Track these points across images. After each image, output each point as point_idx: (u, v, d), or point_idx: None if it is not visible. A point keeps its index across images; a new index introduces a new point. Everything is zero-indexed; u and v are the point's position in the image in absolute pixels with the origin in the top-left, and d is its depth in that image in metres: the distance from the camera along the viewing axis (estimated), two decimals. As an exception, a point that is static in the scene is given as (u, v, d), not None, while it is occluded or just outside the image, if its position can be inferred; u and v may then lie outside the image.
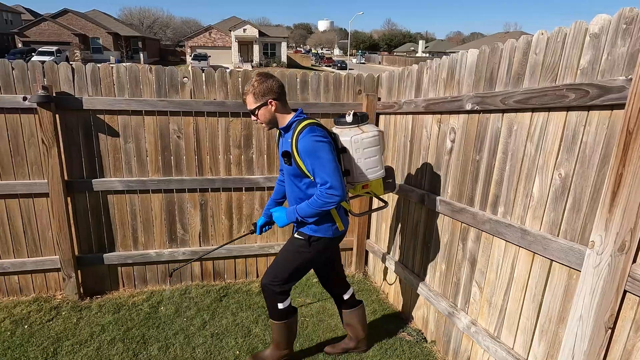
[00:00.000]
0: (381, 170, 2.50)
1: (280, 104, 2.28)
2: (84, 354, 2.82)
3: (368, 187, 2.56)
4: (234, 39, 48.88)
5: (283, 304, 2.49)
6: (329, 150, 2.18)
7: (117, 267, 3.70)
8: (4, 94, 3.14)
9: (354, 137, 2.38)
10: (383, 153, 2.45)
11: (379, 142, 2.45)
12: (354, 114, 2.43)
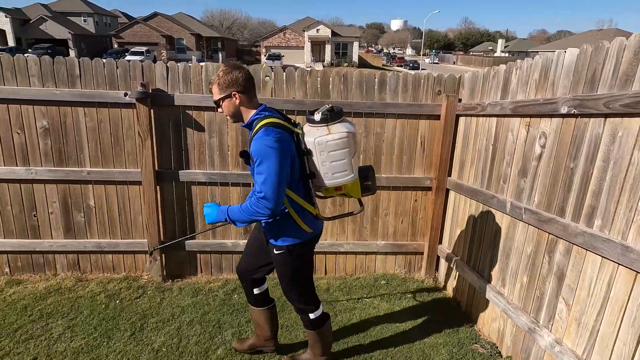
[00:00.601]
0: (351, 174, 2.21)
1: (246, 97, 2.15)
2: (166, 332, 3.04)
3: (342, 189, 2.31)
4: (307, 39, 49.79)
5: (314, 314, 2.50)
6: (279, 157, 2.01)
7: (197, 254, 3.94)
8: (108, 90, 3.47)
9: (317, 139, 2.12)
10: (354, 155, 2.20)
11: (348, 145, 2.15)
12: (325, 111, 2.14)
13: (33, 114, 3.50)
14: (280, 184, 2.04)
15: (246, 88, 2.15)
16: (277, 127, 2.08)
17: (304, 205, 2.24)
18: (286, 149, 2.06)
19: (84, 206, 3.74)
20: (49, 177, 3.62)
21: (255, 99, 2.21)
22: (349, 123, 2.22)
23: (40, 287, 3.61)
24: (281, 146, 2.03)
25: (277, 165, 2.00)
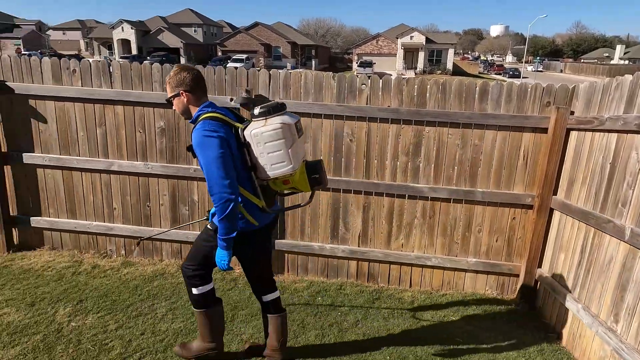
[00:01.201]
0: (289, 165, 2.21)
1: (193, 96, 2.30)
2: (254, 325, 3.20)
3: (289, 183, 2.32)
4: (399, 46, 49.27)
5: (197, 289, 2.50)
6: (217, 146, 2.11)
7: (285, 254, 4.09)
8: (217, 95, 3.77)
9: (253, 130, 2.20)
10: (291, 146, 2.20)
11: (284, 136, 2.17)
12: (265, 105, 2.22)
13: (153, 116, 3.93)
14: (227, 171, 2.12)
15: (193, 88, 2.30)
16: (215, 120, 2.20)
17: (249, 197, 2.30)
18: (224, 139, 2.16)
19: (189, 200, 4.09)
20: (161, 172, 4.03)
21: (203, 98, 2.36)
22: (288, 116, 2.26)
23: (148, 270, 4.02)
24: (218, 136, 2.14)
25: (215, 153, 2.12)
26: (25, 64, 3.98)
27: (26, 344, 2.82)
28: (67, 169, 4.17)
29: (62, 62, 3.95)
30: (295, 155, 2.25)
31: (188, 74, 2.31)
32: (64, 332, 2.97)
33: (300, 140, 2.34)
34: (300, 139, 2.33)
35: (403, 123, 3.63)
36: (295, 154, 2.24)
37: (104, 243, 4.32)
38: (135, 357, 2.75)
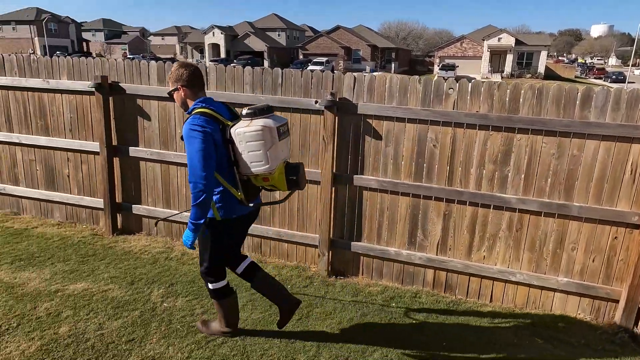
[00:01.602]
0: (266, 165, 2.42)
1: (190, 91, 2.51)
2: (328, 325, 3.25)
3: (269, 180, 2.52)
4: (486, 48, 46.92)
5: (213, 285, 2.75)
6: (201, 141, 2.33)
7: (360, 256, 4.10)
8: (302, 98, 3.90)
9: (237, 129, 2.40)
10: (270, 148, 2.40)
11: (263, 138, 2.37)
12: (252, 108, 2.45)
13: (242, 116, 4.16)
14: (206, 164, 2.34)
15: (190, 83, 2.51)
16: (206, 115, 2.40)
17: (229, 189, 2.52)
18: (209, 134, 2.36)
19: (271, 198, 4.26)
20: (247, 170, 4.25)
21: (200, 93, 2.56)
22: (272, 119, 2.45)
23: (230, 261, 4.26)
24: (203, 130, 2.35)
25: (198, 146, 2.33)
26: (135, 67, 4.43)
27: (126, 318, 3.14)
28: (165, 163, 4.56)
29: (166, 65, 4.33)
30: (274, 156, 2.45)
31: (186, 71, 2.51)
32: (158, 311, 3.25)
33: (282, 143, 2.51)
34: (282, 141, 2.50)
35: (492, 129, 3.46)
36: (273, 155, 2.44)
37: (193, 233, 4.66)
38: (218, 341, 2.94)
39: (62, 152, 4.94)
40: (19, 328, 2.93)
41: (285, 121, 2.60)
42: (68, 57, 4.71)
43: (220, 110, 2.53)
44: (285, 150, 2.59)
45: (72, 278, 3.71)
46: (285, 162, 2.60)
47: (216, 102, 2.60)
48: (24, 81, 4.79)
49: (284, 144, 2.55)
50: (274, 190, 2.67)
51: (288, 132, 2.64)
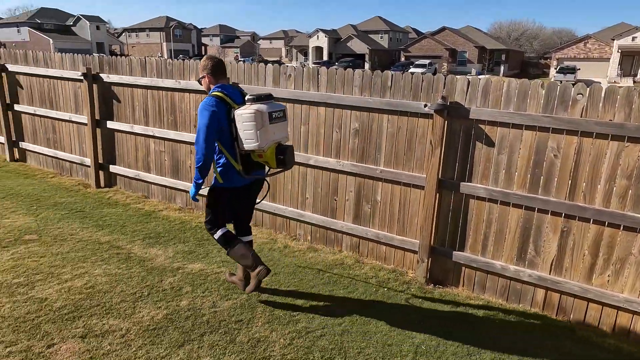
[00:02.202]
0: (256, 143, 2.89)
1: (213, 78, 3.10)
2: (426, 331, 3.18)
3: (262, 157, 3.02)
4: (616, 48, 41.61)
5: (216, 234, 3.24)
6: (208, 117, 2.88)
7: (462, 267, 3.94)
8: (411, 101, 3.86)
9: (237, 111, 2.91)
10: (260, 129, 2.87)
11: (255, 120, 2.84)
12: (254, 94, 2.99)
13: (350, 118, 4.26)
14: (207, 137, 2.89)
15: (213, 72, 3.09)
16: (217, 97, 2.96)
17: (231, 161, 3.05)
18: (215, 113, 2.91)
19: (372, 199, 4.30)
20: (350, 170, 4.34)
21: (220, 80, 3.11)
22: (266, 105, 2.93)
23: (329, 258, 4.39)
24: (212, 110, 2.90)
25: (206, 122, 2.89)
26: (253, 69, 4.79)
27: (236, 300, 3.42)
28: (274, 160, 4.85)
29: (281, 68, 4.61)
30: (264, 136, 2.90)
31: (210, 62, 3.13)
32: (262, 297, 3.49)
33: (275, 126, 2.98)
34: (275, 124, 2.98)
35: (628, 141, 3.08)
36: (263, 135, 2.90)
37: (295, 227, 4.90)
38: (317, 333, 3.06)
39: (186, 145, 5.52)
40: (149, 297, 3.36)
41: (281, 108, 3.09)
42: (197, 61, 5.25)
43: (233, 96, 3.06)
44: (278, 132, 3.05)
45: (190, 258, 4.14)
46: (278, 143, 3.09)
47: (232, 89, 3.13)
48: (160, 81, 5.45)
49: (277, 127, 3.02)
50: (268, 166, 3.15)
51: (284, 117, 3.11)
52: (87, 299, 3.25)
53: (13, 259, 3.84)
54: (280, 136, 3.10)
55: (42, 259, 3.87)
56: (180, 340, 2.86)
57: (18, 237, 4.31)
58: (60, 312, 3.06)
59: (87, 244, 4.29)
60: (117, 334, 2.87)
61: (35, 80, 6.96)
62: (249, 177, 3.12)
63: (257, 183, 3.32)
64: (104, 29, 66.46)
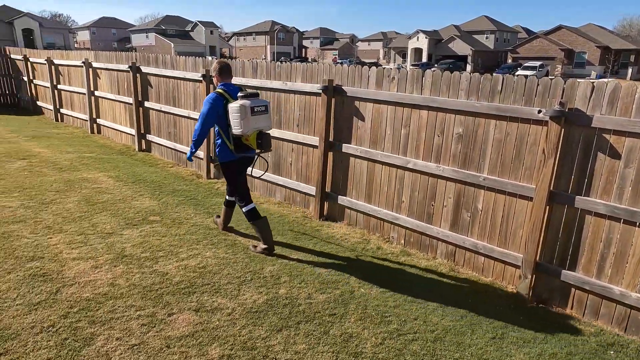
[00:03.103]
0: (239, 129, 3.83)
1: (220, 78, 4.10)
2: (525, 353, 3.00)
3: (248, 140, 3.97)
4: None
5: (244, 208, 4.23)
6: (208, 108, 3.94)
7: (571, 288, 3.62)
8: (523, 106, 3.64)
9: (229, 104, 3.87)
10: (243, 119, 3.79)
11: (239, 112, 3.77)
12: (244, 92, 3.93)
13: (453, 122, 4.15)
14: (204, 122, 3.99)
15: (220, 74, 4.11)
16: (218, 94, 3.97)
17: (226, 142, 4.04)
18: (214, 107, 3.94)
19: (472, 207, 4.14)
20: (450, 176, 4.22)
21: (225, 80, 4.12)
22: (250, 101, 3.80)
23: (422, 263, 4.33)
24: (211, 104, 3.93)
25: (205, 111, 3.93)
26: (357, 72, 4.89)
27: (330, 294, 3.55)
28: (372, 161, 4.91)
29: (385, 70, 4.65)
30: (246, 125, 3.81)
31: (217, 65, 4.15)
32: (355, 295, 3.57)
33: (256, 117, 3.85)
34: (255, 116, 3.84)
35: None
36: (246, 124, 3.81)
37: (389, 229, 4.90)
38: (409, 337, 3.05)
39: (288, 144, 5.83)
40: (251, 282, 3.64)
41: (264, 104, 3.96)
42: (303, 63, 5.52)
43: (232, 92, 4.04)
44: (260, 123, 3.92)
45: (288, 250, 4.37)
46: (259, 130, 3.97)
47: (232, 87, 4.13)
48: (268, 83, 5.83)
49: (259, 118, 3.89)
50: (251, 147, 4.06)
51: (266, 110, 3.97)
52: (199, 278, 3.63)
53: (141, 235, 4.42)
54: (262, 125, 3.97)
55: (163, 239, 4.39)
56: (278, 325, 3.06)
57: (144, 218, 4.94)
58: (178, 286, 3.46)
59: (200, 228, 4.77)
60: (224, 311, 3.16)
61: (162, 80, 7.88)
62: (239, 155, 4.11)
63: (248, 160, 4.29)
64: (216, 33, 72.37)
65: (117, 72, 8.97)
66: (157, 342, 2.76)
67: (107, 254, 3.95)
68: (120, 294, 3.28)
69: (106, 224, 4.67)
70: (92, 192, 5.71)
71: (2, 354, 2.54)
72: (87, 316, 2.96)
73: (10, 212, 4.81)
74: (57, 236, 4.25)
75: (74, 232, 4.38)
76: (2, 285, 3.26)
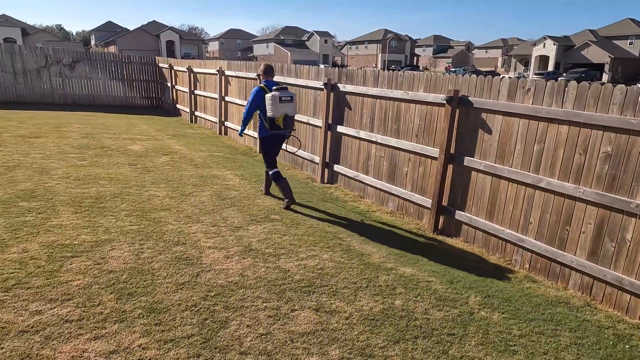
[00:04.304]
0: (272, 113, 5.30)
1: (264, 76, 5.72)
2: None
3: (278, 121, 5.43)
4: None
5: (270, 171, 5.79)
6: (253, 98, 5.50)
7: None
8: (696, 125, 3.12)
9: (266, 94, 5.38)
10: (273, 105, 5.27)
11: (271, 100, 5.24)
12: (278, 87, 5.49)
13: (600, 140, 3.71)
14: (249, 108, 5.57)
15: (264, 73, 5.68)
16: (260, 88, 5.48)
17: (264, 122, 5.51)
18: (256, 97, 5.46)
19: (618, 237, 3.66)
20: (592, 199, 3.78)
21: (268, 77, 5.69)
22: (279, 92, 5.30)
23: (551, 293, 3.94)
24: (254, 94, 5.47)
25: (250, 100, 5.51)
26: (487, 82, 4.66)
27: (447, 312, 3.42)
28: (497, 177, 4.63)
29: (519, 82, 4.35)
30: (276, 110, 5.25)
31: (263, 66, 5.72)
32: (475, 317, 3.39)
33: (283, 104, 5.28)
34: (283, 103, 5.27)
35: None
36: (275, 109, 5.25)
37: (511, 251, 4.56)
38: (538, 372, 2.80)
39: (405, 153, 5.77)
40: (367, 289, 3.68)
41: (290, 95, 5.39)
42: (427, 73, 5.43)
43: (270, 86, 5.51)
44: (286, 108, 5.34)
45: (402, 262, 4.33)
46: (285, 115, 5.40)
47: (272, 83, 5.63)
48: (389, 92, 5.85)
49: (286, 105, 5.32)
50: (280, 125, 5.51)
51: (291, 100, 5.38)
52: (318, 278, 3.78)
53: (264, 232, 4.76)
54: (287, 110, 5.40)
55: (284, 237, 4.67)
56: (395, 336, 3.04)
57: (266, 216, 5.31)
58: (299, 284, 3.65)
59: (316, 230, 4.96)
60: (342, 315, 3.25)
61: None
62: (273, 132, 5.57)
63: (281, 136, 5.75)
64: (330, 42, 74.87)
65: (246, 79, 9.80)
66: (282, 335, 2.94)
67: (237, 246, 4.32)
68: (248, 284, 3.56)
69: (234, 218, 5.12)
70: (222, 188, 6.31)
71: (157, 324, 2.94)
72: (222, 301, 3.27)
73: (159, 200, 5.55)
74: (195, 225, 4.78)
75: (208, 223, 4.88)
76: (155, 265, 3.77)
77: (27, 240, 4.03)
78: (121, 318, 2.94)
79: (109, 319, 2.91)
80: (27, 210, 4.81)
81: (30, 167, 6.55)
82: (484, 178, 4.79)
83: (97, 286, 3.32)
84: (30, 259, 3.67)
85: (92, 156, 7.67)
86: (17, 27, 62.08)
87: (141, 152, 8.35)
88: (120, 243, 4.15)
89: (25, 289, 3.18)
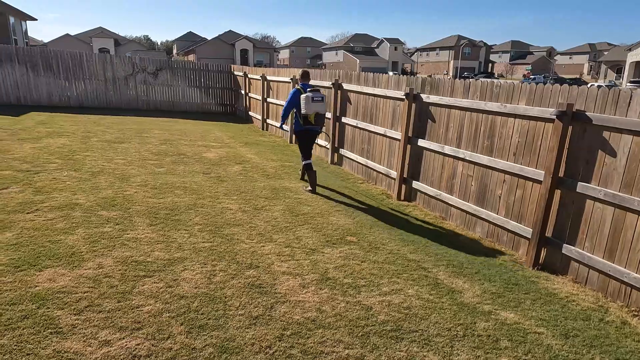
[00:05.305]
0: (305, 110, 6.31)
1: (301, 80, 6.87)
2: None
3: (310, 118, 6.37)
4: None
5: (305, 161, 6.71)
6: (292, 97, 6.58)
7: None
8: None
9: (301, 95, 6.38)
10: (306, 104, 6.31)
11: (305, 100, 6.27)
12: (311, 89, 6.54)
13: None
14: (287, 107, 6.73)
15: (301, 78, 6.95)
16: (297, 89, 6.68)
17: (299, 119, 6.55)
18: (293, 96, 6.60)
19: None
20: None
21: (304, 81, 6.88)
22: (312, 93, 6.37)
23: None
24: (292, 95, 6.65)
25: (289, 99, 6.68)
26: (612, 95, 3.90)
27: (569, 380, 2.77)
28: (622, 208, 3.84)
29: (659, 95, 3.57)
30: (308, 108, 6.33)
31: (301, 72, 7.01)
32: (607, 390, 2.71)
33: (315, 103, 6.35)
34: (315, 103, 6.34)
35: None
36: (308, 107, 6.33)
37: (638, 300, 3.75)
38: None
39: (499, 173, 5.09)
40: (464, 339, 3.12)
41: (322, 96, 6.45)
42: (532, 84, 4.73)
43: (305, 88, 6.55)
44: (318, 107, 6.38)
45: (501, 303, 3.70)
46: (317, 112, 6.38)
47: (307, 86, 6.68)
48: (482, 104, 5.21)
49: (317, 104, 6.36)
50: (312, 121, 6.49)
51: (322, 100, 6.44)
52: (405, 321, 3.28)
53: (341, 257, 4.36)
54: (318, 109, 6.38)
55: (362, 264, 4.23)
56: (508, 410, 2.48)
57: (342, 237, 4.91)
58: (384, 327, 3.18)
59: (397, 257, 4.47)
60: (438, 372, 2.74)
61: (361, 97, 8.00)
62: (306, 127, 6.51)
63: (313, 131, 6.63)
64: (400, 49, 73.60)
65: (320, 88, 9.53)
66: (368, 394, 2.50)
67: (313, 273, 3.95)
68: (327, 323, 3.16)
69: (309, 238, 4.77)
70: (294, 203, 6.02)
71: (229, 367, 2.63)
72: (299, 343, 2.89)
73: (232, 214, 5.36)
74: (268, 245, 4.50)
75: (281, 243, 4.57)
76: (228, 291, 3.50)
77: (103, 255, 3.96)
78: (191, 357, 2.66)
79: (178, 357, 2.65)
80: (106, 220, 4.82)
81: (112, 174, 6.73)
82: (603, 209, 4.01)
83: (167, 314, 3.09)
84: (104, 276, 3.56)
85: (169, 163, 7.78)
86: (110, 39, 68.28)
87: (215, 160, 8.37)
88: (192, 263, 3.95)
89: (96, 312, 3.04)
